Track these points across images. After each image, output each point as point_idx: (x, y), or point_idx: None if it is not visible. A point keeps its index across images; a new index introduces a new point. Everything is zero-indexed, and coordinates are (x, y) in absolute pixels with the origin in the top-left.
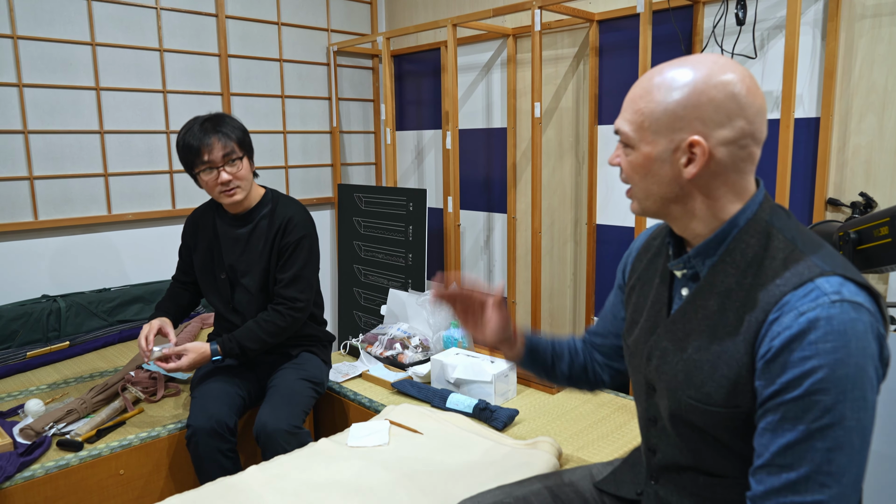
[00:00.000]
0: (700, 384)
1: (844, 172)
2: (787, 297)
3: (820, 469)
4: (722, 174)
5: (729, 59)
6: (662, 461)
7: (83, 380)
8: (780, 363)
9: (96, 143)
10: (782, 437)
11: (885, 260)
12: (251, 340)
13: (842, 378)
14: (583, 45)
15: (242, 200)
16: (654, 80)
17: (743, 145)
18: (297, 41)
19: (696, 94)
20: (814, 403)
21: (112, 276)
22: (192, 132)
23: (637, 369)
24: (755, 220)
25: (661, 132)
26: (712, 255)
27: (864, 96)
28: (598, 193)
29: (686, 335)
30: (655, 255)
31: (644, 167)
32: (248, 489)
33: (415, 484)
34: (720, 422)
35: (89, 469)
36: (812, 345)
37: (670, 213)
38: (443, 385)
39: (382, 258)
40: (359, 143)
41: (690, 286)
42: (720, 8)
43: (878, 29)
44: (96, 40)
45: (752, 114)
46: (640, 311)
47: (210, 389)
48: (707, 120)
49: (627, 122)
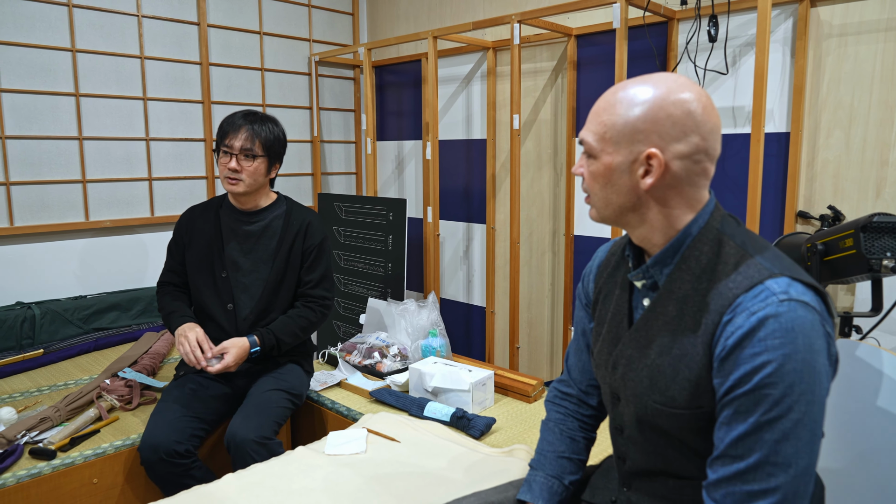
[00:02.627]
0: (664, 388)
1: (814, 186)
2: (739, 298)
3: (768, 459)
4: (676, 186)
5: (687, 79)
6: (632, 468)
7: (57, 388)
8: (732, 360)
9: (75, 149)
10: (735, 430)
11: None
12: (286, 334)
13: (789, 372)
14: (561, 58)
15: (245, 195)
16: (617, 94)
17: (697, 160)
18: (279, 50)
19: (655, 110)
20: (763, 397)
21: (89, 283)
22: (234, 117)
23: (603, 379)
24: (707, 229)
25: (622, 143)
26: (669, 264)
27: (832, 112)
28: (576, 205)
29: (649, 342)
30: (615, 268)
31: (604, 176)
32: (223, 497)
33: (391, 491)
34: (685, 423)
35: (62, 478)
36: (761, 341)
37: (628, 222)
38: (421, 394)
39: (362, 267)
40: (339, 153)
41: (651, 296)
42: (693, 25)
43: (844, 48)
44: (77, 46)
45: (707, 131)
46: (602, 322)
47: (164, 414)
48: (664, 134)
49: (591, 133)
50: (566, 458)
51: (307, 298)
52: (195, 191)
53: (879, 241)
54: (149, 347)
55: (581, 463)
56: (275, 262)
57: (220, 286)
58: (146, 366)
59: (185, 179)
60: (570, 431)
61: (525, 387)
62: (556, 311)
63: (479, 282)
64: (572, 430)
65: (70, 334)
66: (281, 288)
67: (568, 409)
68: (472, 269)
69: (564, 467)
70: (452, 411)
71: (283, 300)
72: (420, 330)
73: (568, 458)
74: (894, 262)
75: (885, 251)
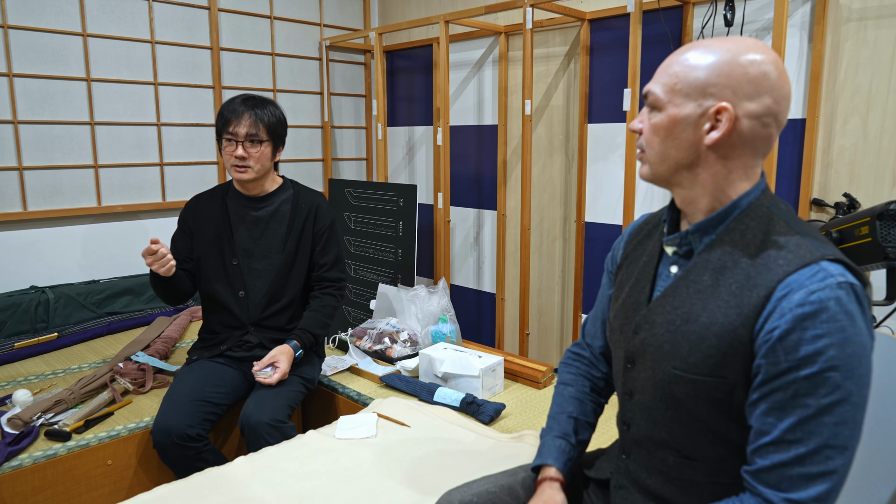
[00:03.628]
0: (686, 355)
1: (829, 173)
2: (793, 275)
3: (827, 443)
4: (739, 147)
5: (763, 43)
6: (636, 435)
7: (71, 371)
8: (792, 340)
9: (87, 134)
10: (793, 414)
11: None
12: (319, 327)
13: (850, 356)
14: (574, 43)
15: (253, 181)
16: (690, 50)
17: (766, 123)
18: (290, 35)
19: (731, 65)
20: (825, 380)
21: (101, 267)
22: (233, 103)
23: (617, 344)
24: (757, 205)
25: (692, 96)
26: (711, 234)
27: (849, 99)
28: (588, 191)
29: (675, 308)
30: (646, 237)
31: (667, 129)
32: (235, 479)
33: (401, 475)
34: (702, 392)
35: (77, 459)
36: (825, 324)
37: (679, 182)
38: (430, 379)
39: (372, 253)
40: (350, 139)
41: (681, 263)
42: (709, 9)
43: (864, 32)
44: (88, 31)
45: (780, 96)
46: (623, 287)
47: (176, 396)
48: (738, 90)
49: (660, 85)
50: (573, 419)
51: (324, 283)
52: (206, 176)
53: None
54: (161, 331)
55: (588, 425)
56: (286, 246)
57: (231, 274)
58: (159, 350)
59: (196, 165)
60: (580, 393)
61: (535, 373)
62: (566, 298)
63: (489, 268)
64: (582, 392)
65: (83, 318)
66: (292, 272)
67: (580, 368)
68: (483, 256)
69: (572, 426)
70: (462, 397)
71: (295, 284)
72: (430, 316)
73: (575, 419)
74: None
75: None
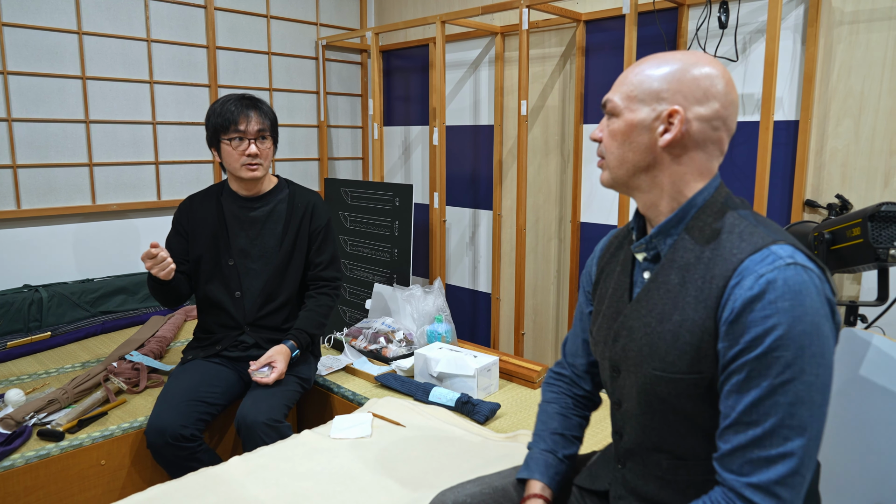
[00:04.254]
0: (664, 354)
1: (822, 175)
2: (744, 262)
3: (783, 423)
4: (692, 148)
5: (713, 57)
6: (629, 443)
7: (65, 370)
8: (742, 323)
9: (81, 132)
10: (747, 396)
11: (858, 259)
12: (315, 327)
13: (800, 334)
14: (570, 44)
15: (260, 181)
16: (646, 62)
17: (715, 126)
18: (286, 34)
19: (682, 73)
20: (775, 360)
21: (95, 266)
22: (231, 102)
23: (602, 355)
24: (712, 201)
25: (647, 101)
26: (672, 234)
27: (842, 101)
28: (583, 191)
29: (649, 311)
30: (617, 248)
31: (624, 134)
32: (230, 479)
33: (396, 475)
34: (683, 390)
35: (70, 459)
36: (771, 304)
37: (638, 186)
38: (426, 379)
39: (368, 253)
40: (346, 138)
41: (652, 268)
42: (704, 11)
43: (856, 35)
44: (83, 29)
45: (727, 101)
46: (603, 300)
47: (170, 396)
48: (688, 95)
49: (618, 94)
50: (559, 434)
51: (320, 282)
52: (201, 175)
53: (887, 231)
54: (155, 331)
55: (575, 439)
56: (282, 246)
57: (227, 274)
58: (153, 349)
59: (191, 163)
60: (564, 409)
61: (530, 373)
62: (561, 298)
63: (484, 268)
64: (566, 409)
65: (77, 317)
66: (288, 271)
67: (562, 388)
68: (478, 256)
69: (558, 442)
70: (457, 396)
71: (290, 283)
72: (426, 315)
73: (561, 434)
74: None
75: (893, 240)
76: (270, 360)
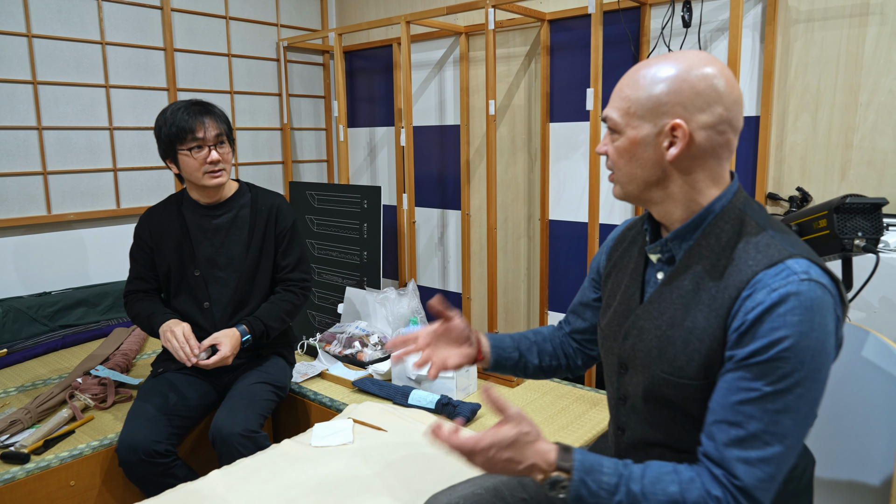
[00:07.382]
0: (672, 358)
1: (782, 168)
2: (759, 275)
3: (766, 429)
4: (700, 158)
5: (709, 55)
6: (631, 439)
7: (25, 388)
8: (750, 334)
9: (34, 139)
10: (736, 395)
11: (824, 250)
12: (273, 319)
13: (804, 349)
14: (534, 43)
15: (222, 187)
16: (640, 71)
17: (721, 131)
18: (246, 36)
19: (679, 82)
20: (774, 368)
21: (53, 279)
22: (182, 111)
23: (610, 350)
24: (729, 208)
25: (646, 117)
26: (688, 239)
27: (800, 97)
28: (551, 189)
29: (661, 314)
30: (630, 244)
31: (629, 151)
32: (212, 494)
33: (382, 480)
34: (691, 394)
35: (37, 482)
36: (781, 317)
37: (651, 198)
38: (404, 382)
39: (337, 256)
40: (310, 140)
41: (665, 270)
42: (667, 10)
43: (812, 33)
44: (32, 31)
45: (730, 102)
46: (614, 296)
47: (142, 411)
48: (688, 105)
49: (615, 110)
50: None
51: (287, 283)
52: (162, 181)
53: (851, 222)
54: (120, 344)
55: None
56: (248, 252)
57: (194, 285)
58: (119, 363)
59: (151, 170)
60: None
61: None
62: (531, 296)
63: (454, 268)
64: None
65: (35, 332)
66: (256, 277)
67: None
68: (448, 256)
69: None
70: (437, 398)
71: (260, 288)
72: (400, 318)
73: (533, 341)
74: (865, 242)
75: (857, 231)
76: (215, 343)
